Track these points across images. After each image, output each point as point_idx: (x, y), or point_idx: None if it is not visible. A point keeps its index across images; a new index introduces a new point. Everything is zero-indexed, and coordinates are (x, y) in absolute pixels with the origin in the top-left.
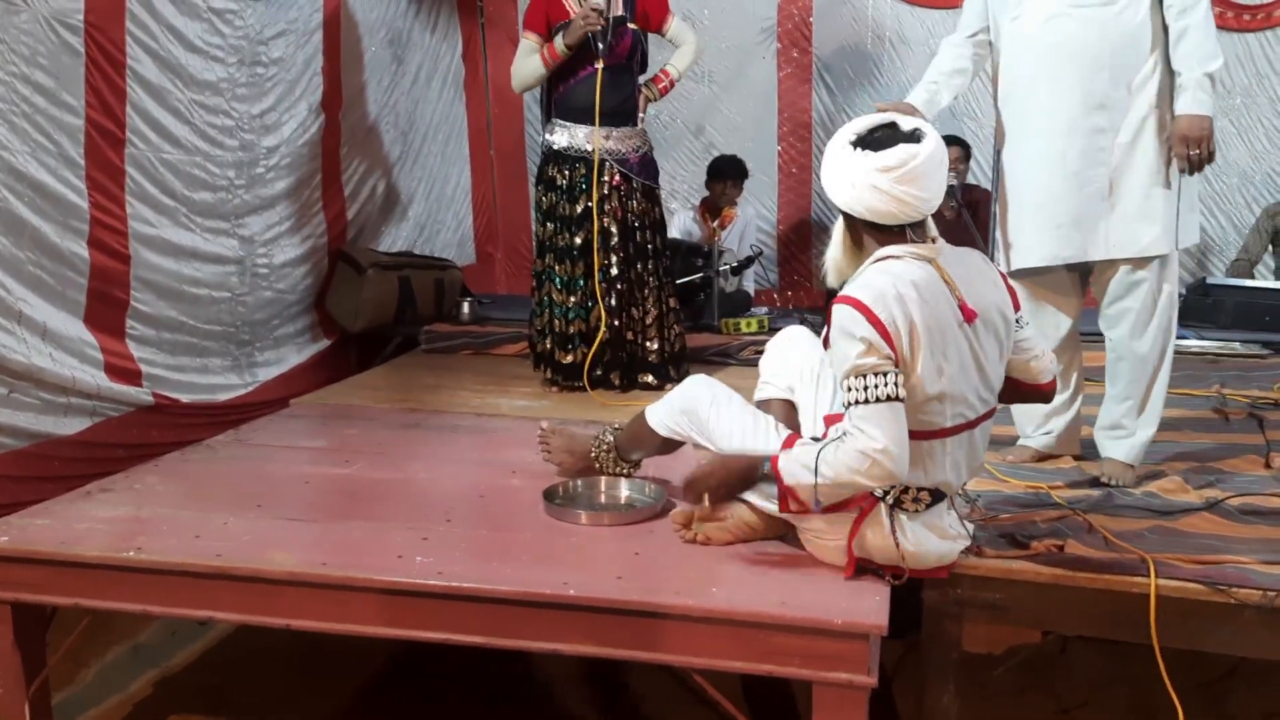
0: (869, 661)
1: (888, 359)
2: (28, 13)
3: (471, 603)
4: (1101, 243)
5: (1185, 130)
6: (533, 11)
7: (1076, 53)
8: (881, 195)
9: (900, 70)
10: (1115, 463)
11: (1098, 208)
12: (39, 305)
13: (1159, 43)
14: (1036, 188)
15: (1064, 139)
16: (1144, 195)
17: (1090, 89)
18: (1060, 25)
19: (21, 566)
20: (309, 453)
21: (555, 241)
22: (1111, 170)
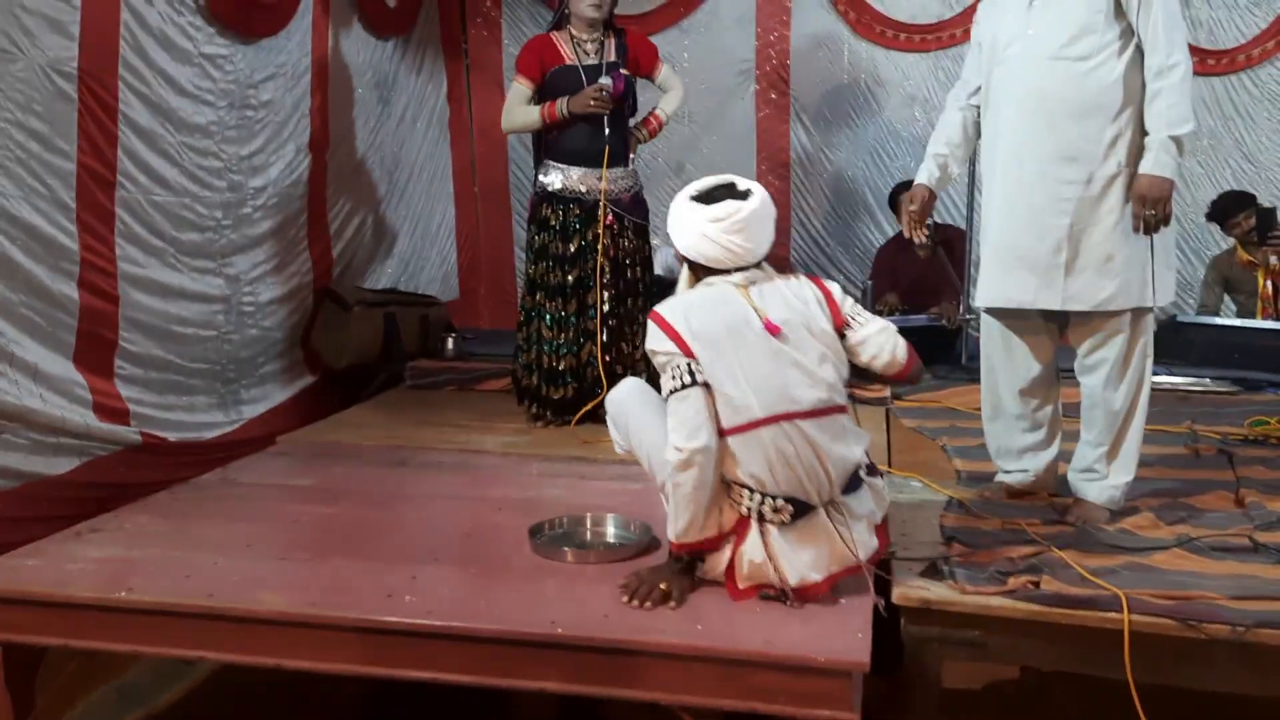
0: (852, 699)
1: (676, 353)
2: (24, 61)
3: (461, 642)
4: (1058, 293)
5: (1143, 190)
6: (527, 55)
7: (1049, 103)
8: (711, 243)
9: (876, 111)
10: (1087, 504)
11: (1056, 257)
12: (30, 347)
13: (1135, 100)
14: (999, 230)
15: (1030, 186)
16: (1107, 251)
17: (1060, 140)
18: (1036, 75)
19: (12, 607)
20: (296, 491)
21: (547, 280)
22: (1074, 221)
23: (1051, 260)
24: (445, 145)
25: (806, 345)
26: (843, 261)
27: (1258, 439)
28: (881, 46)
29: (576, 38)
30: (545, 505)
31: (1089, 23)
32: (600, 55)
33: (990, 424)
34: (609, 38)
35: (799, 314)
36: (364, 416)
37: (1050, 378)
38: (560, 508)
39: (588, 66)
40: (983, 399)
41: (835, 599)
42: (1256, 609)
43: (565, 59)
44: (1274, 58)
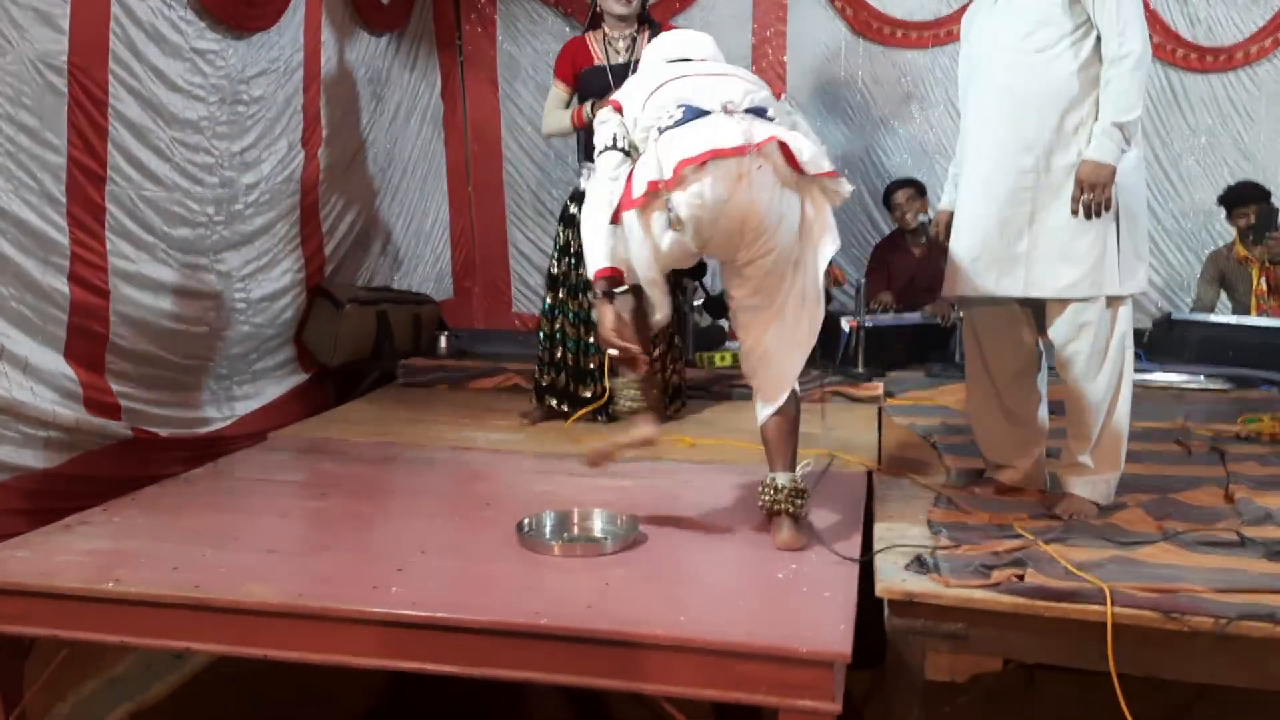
0: (834, 689)
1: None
2: (12, 54)
3: (446, 632)
4: (1020, 280)
5: (1084, 175)
6: (561, 58)
7: (1010, 94)
8: None
9: (873, 108)
10: (1076, 499)
11: (1016, 245)
12: (21, 340)
13: (1095, 90)
14: (965, 221)
15: (991, 175)
16: (1068, 237)
17: (1019, 129)
18: (999, 68)
19: (1, 598)
20: (286, 486)
21: (569, 276)
22: (1034, 210)
23: (1012, 248)
24: (439, 142)
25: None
26: (837, 259)
27: (1250, 436)
28: (878, 44)
29: (608, 36)
30: (535, 501)
31: (1046, 15)
32: (631, 53)
33: (976, 420)
34: (642, 34)
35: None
36: (356, 413)
37: (1032, 372)
38: (549, 503)
39: (615, 66)
40: (967, 394)
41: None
42: (1240, 601)
43: (595, 59)
44: (1272, 55)
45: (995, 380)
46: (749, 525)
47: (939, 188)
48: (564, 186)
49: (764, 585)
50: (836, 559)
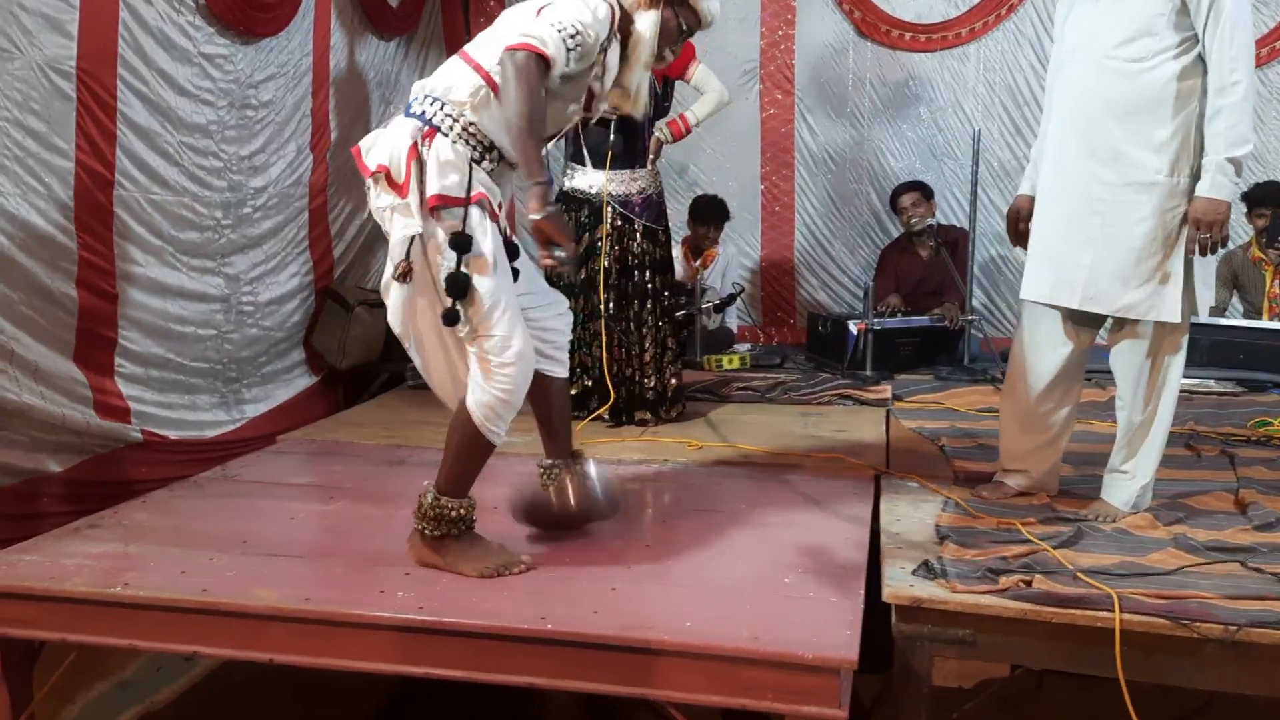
0: (839, 695)
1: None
2: (21, 59)
3: (452, 637)
4: (1077, 292)
5: (1199, 214)
6: None
7: (1095, 102)
8: None
9: (881, 111)
10: (1105, 504)
11: (1080, 256)
12: (30, 344)
13: (1188, 107)
14: (1037, 225)
15: (1067, 184)
16: (1134, 256)
17: (1102, 139)
18: (1088, 73)
19: (10, 602)
20: (295, 489)
21: (563, 277)
22: (1104, 223)
23: (1075, 259)
24: None
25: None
26: (846, 262)
27: (1260, 440)
28: (887, 46)
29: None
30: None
31: (1149, 25)
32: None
33: (1004, 420)
34: None
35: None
36: (365, 416)
37: (1070, 381)
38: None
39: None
40: (1004, 393)
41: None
42: (1250, 608)
43: None
44: None
45: (1031, 383)
46: (755, 529)
47: (947, 191)
48: None
49: (770, 590)
50: (843, 563)
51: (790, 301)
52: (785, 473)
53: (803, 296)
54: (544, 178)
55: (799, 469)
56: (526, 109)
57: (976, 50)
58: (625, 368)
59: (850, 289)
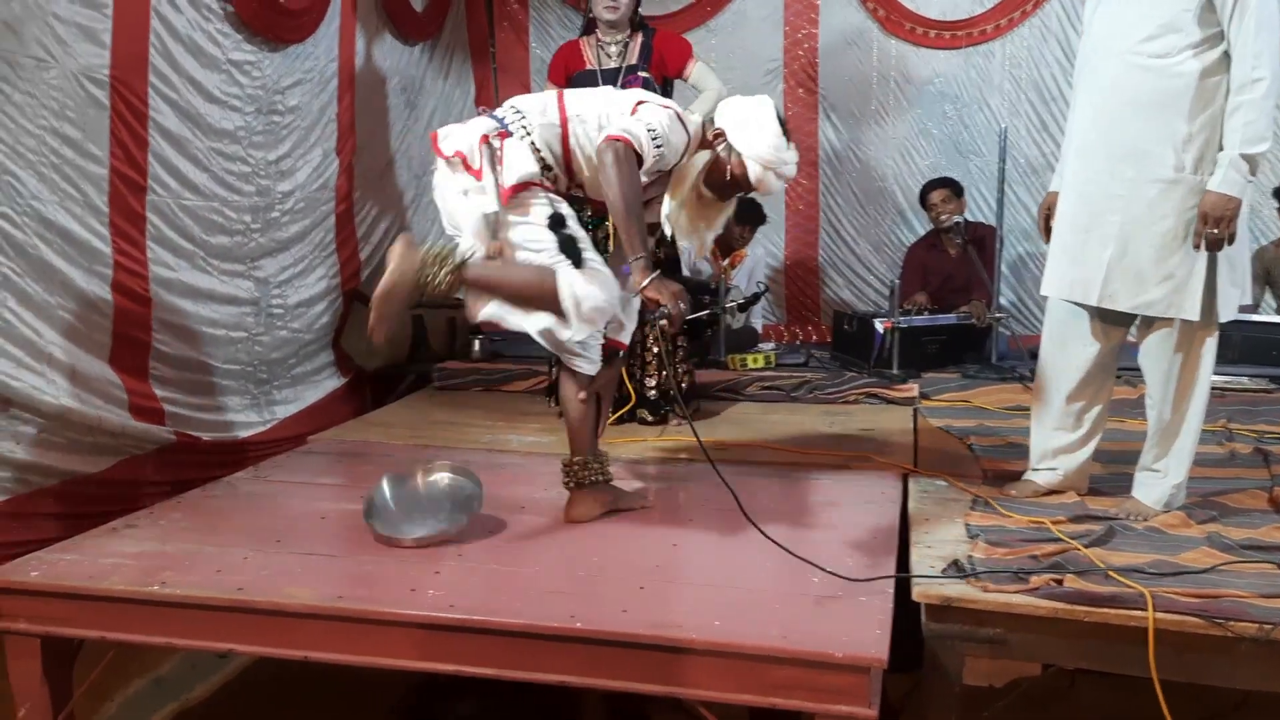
0: (870, 694)
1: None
2: (57, 69)
3: (482, 635)
4: (1095, 289)
5: (1208, 208)
6: (554, 62)
7: (1118, 98)
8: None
9: (906, 108)
10: (1137, 503)
11: (1100, 253)
12: (67, 348)
13: (1212, 105)
14: (1059, 221)
15: (1088, 180)
16: (1154, 254)
17: (1123, 136)
18: (1111, 69)
19: (51, 601)
20: (326, 489)
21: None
22: (1123, 220)
23: (1094, 255)
24: None
25: None
26: (872, 260)
27: None
28: (911, 44)
29: (601, 41)
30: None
31: (1175, 21)
32: (623, 58)
33: (1035, 418)
34: (634, 39)
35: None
36: (393, 416)
37: (1100, 379)
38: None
39: (605, 70)
40: (1034, 391)
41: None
42: None
43: (587, 64)
44: None
45: (1061, 381)
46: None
47: (973, 188)
48: None
49: (799, 589)
50: (872, 563)
51: (815, 300)
52: (812, 472)
53: (828, 295)
54: (644, 253)
55: (826, 468)
56: (629, 190)
57: (1002, 47)
58: (634, 368)
59: (875, 287)
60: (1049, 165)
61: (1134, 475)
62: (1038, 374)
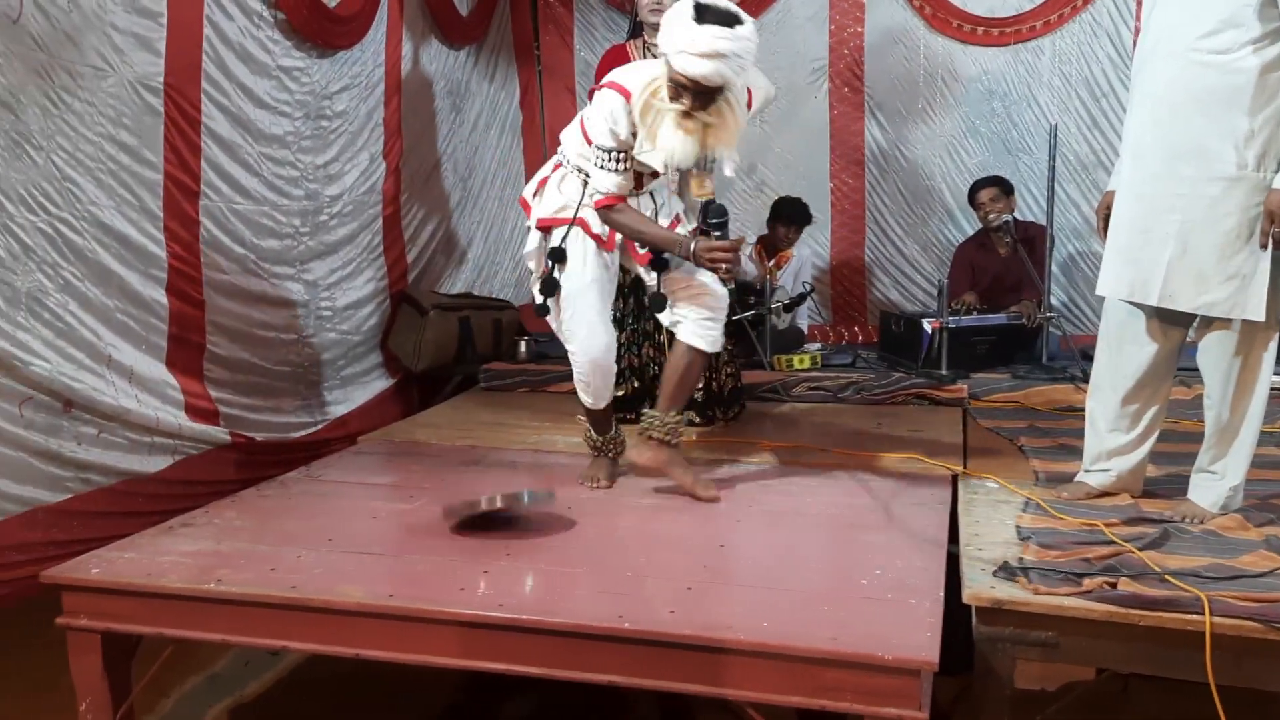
0: (920, 697)
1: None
2: (114, 77)
3: (530, 634)
4: (1154, 289)
5: (1274, 206)
6: (602, 67)
7: (1178, 95)
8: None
9: (954, 106)
10: (1193, 505)
11: (1159, 253)
12: (126, 350)
13: (1275, 101)
14: (1116, 220)
15: (1147, 179)
16: (1216, 254)
17: (1184, 133)
18: (1170, 67)
19: (110, 597)
20: (376, 489)
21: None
22: (1186, 219)
23: (1154, 255)
24: (518, 151)
25: None
26: (919, 260)
27: None
28: (958, 41)
29: (649, 44)
30: (614, 504)
31: (1235, 16)
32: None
33: (1090, 420)
34: None
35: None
36: (440, 417)
37: (1158, 380)
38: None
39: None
40: (1089, 392)
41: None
42: None
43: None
44: None
45: (1117, 381)
46: (831, 530)
47: (1022, 186)
48: None
49: (848, 590)
50: (922, 564)
51: (861, 300)
52: (860, 473)
53: (874, 295)
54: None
55: (874, 469)
56: (635, 231)
57: (1051, 43)
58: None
59: (923, 287)
60: (1100, 163)
61: (1190, 477)
62: (1093, 375)
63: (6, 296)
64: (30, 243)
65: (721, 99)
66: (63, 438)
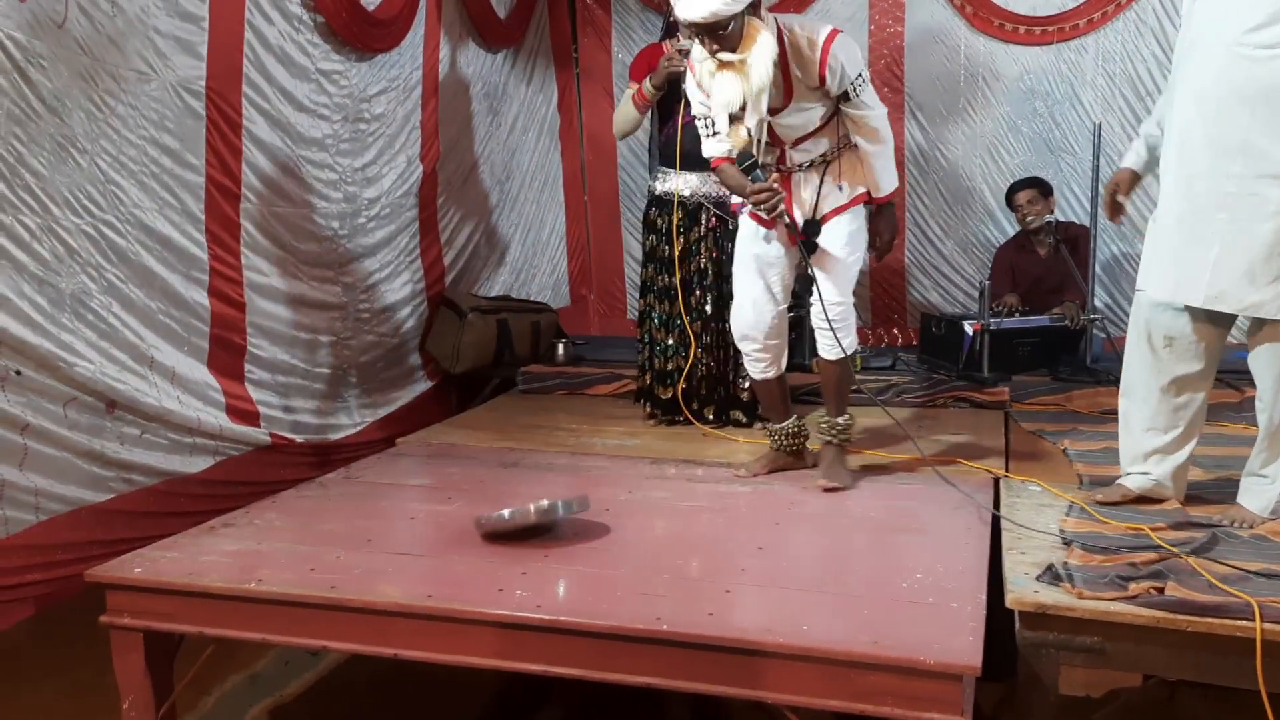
0: (963, 702)
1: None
2: (157, 81)
3: (568, 635)
4: (1200, 289)
5: None
6: (637, 62)
7: (1223, 91)
8: None
9: (994, 106)
10: (1242, 509)
11: (1205, 253)
12: (168, 351)
13: None
14: (1163, 214)
15: (1193, 177)
16: (1265, 254)
17: (1230, 130)
18: (1214, 62)
19: (152, 596)
20: (414, 490)
21: (655, 282)
22: (1231, 218)
23: (1201, 255)
24: (556, 154)
25: None
26: (960, 262)
27: None
28: (1000, 40)
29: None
30: (652, 507)
31: None
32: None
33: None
34: None
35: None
36: (478, 419)
37: (1199, 380)
38: (667, 510)
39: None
40: (1122, 387)
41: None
42: None
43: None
44: None
45: (1153, 380)
46: (871, 533)
47: (1064, 186)
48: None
49: (889, 595)
50: (964, 568)
51: (901, 302)
52: (900, 475)
53: (914, 297)
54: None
55: (914, 472)
56: (732, 187)
57: (1095, 41)
58: (722, 368)
59: (964, 289)
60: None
61: (1240, 481)
62: (1125, 375)
63: (51, 298)
64: (75, 245)
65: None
66: (106, 438)
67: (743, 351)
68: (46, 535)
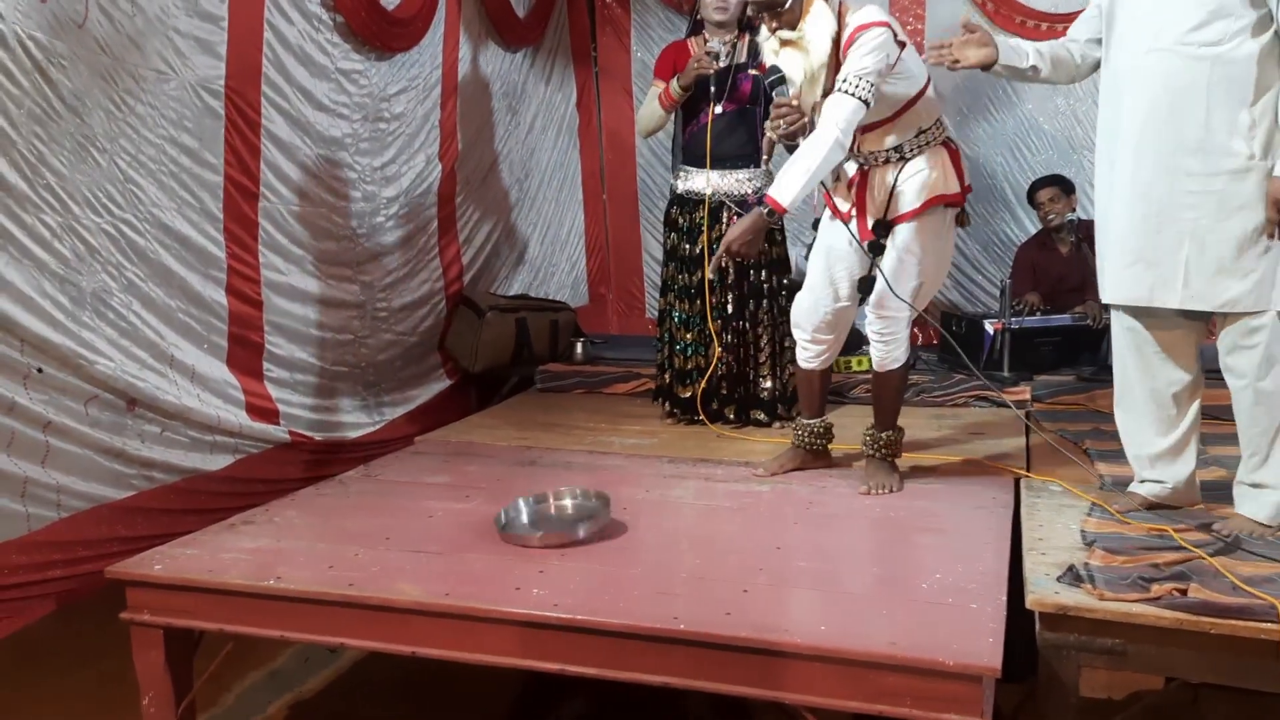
0: (982, 703)
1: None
2: (176, 80)
3: (585, 634)
4: (1177, 289)
5: (1276, 193)
6: (661, 60)
7: (1173, 91)
8: None
9: (1017, 103)
10: (1241, 518)
11: (1176, 254)
12: (188, 350)
13: (1274, 87)
14: (1119, 223)
15: (1151, 180)
16: (1234, 248)
17: (1185, 130)
18: (1160, 61)
19: (172, 593)
20: (433, 488)
21: (676, 281)
22: (1198, 216)
23: (1171, 256)
24: (575, 153)
25: None
26: (981, 260)
27: None
28: (1022, 37)
29: (709, 41)
30: (670, 506)
31: (1223, 6)
32: (731, 58)
33: (1122, 432)
34: (742, 39)
35: None
36: (497, 418)
37: (1188, 380)
38: (684, 509)
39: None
40: (1115, 398)
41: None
42: None
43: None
44: None
45: (1144, 385)
46: (890, 533)
47: (1087, 184)
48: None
49: (908, 595)
50: (984, 568)
51: None
52: (920, 476)
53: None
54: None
55: (935, 472)
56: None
57: None
58: (744, 367)
59: (985, 288)
60: None
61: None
62: (1117, 385)
63: (72, 296)
64: (95, 244)
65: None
66: (127, 436)
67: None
68: (68, 532)
